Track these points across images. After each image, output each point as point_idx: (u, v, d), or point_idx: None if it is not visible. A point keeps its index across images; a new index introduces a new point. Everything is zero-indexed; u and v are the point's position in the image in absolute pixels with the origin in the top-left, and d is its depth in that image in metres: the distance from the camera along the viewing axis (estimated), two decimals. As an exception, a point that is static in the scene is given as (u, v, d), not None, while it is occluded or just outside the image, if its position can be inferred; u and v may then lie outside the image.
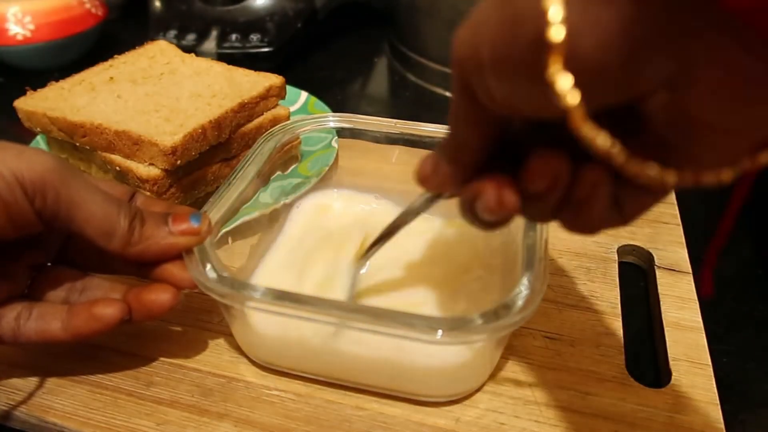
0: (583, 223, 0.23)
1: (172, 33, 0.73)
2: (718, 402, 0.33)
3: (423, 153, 0.42)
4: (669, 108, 0.17)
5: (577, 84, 0.17)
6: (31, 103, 0.45)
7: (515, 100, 0.19)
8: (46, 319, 0.31)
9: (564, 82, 0.16)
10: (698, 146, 0.18)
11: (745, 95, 0.16)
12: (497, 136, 0.23)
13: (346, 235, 0.42)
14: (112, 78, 0.48)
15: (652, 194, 0.22)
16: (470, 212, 0.25)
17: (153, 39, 0.61)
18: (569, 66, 0.16)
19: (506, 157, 0.23)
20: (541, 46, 0.16)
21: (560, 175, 0.21)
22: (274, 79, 0.48)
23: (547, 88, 0.17)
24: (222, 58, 0.65)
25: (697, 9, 0.15)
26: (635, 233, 0.45)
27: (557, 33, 0.16)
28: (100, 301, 0.31)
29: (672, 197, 0.49)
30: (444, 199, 0.28)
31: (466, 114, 0.22)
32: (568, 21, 0.16)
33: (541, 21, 0.16)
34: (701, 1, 0.15)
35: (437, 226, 0.44)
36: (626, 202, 0.22)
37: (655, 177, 0.19)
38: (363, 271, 0.39)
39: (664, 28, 0.15)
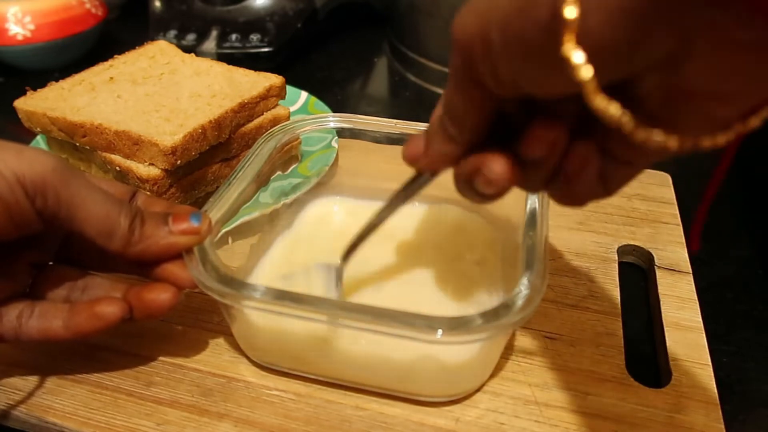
0: (571, 195, 0.25)
1: (172, 33, 0.73)
2: (718, 402, 0.33)
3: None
4: (664, 86, 0.19)
5: (589, 59, 0.18)
6: (31, 103, 0.45)
7: (525, 80, 0.20)
8: (47, 317, 0.31)
9: (578, 57, 0.18)
10: (694, 116, 0.20)
11: (738, 65, 0.17)
12: (493, 116, 0.24)
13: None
14: (112, 78, 0.48)
15: (634, 167, 0.23)
16: (468, 186, 0.26)
17: (153, 39, 0.61)
18: (581, 42, 0.18)
19: (495, 135, 0.25)
20: (556, 25, 0.18)
21: (557, 142, 0.23)
22: (274, 79, 0.48)
23: (558, 66, 0.18)
24: (222, 58, 0.65)
25: None
26: (635, 233, 0.45)
27: (570, 12, 0.17)
28: (102, 300, 0.31)
29: (672, 197, 0.49)
30: (430, 179, 0.29)
31: (465, 95, 0.23)
32: (579, 1, 0.17)
33: (554, 2, 0.17)
34: None
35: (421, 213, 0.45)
36: (611, 176, 0.23)
37: (660, 142, 0.20)
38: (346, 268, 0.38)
39: (665, 7, 0.17)
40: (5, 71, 0.74)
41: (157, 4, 0.75)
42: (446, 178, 0.46)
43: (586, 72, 0.18)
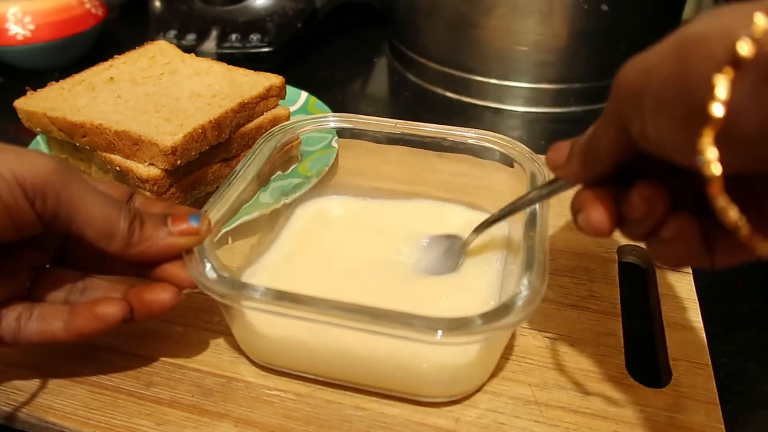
0: (665, 257, 0.26)
1: (172, 33, 0.73)
2: (718, 402, 0.33)
3: (423, 153, 0.43)
4: None
5: (722, 156, 0.18)
6: (31, 103, 0.45)
7: (665, 148, 0.21)
8: (47, 319, 0.31)
9: (711, 154, 0.18)
10: None
11: None
12: (630, 161, 0.25)
13: (349, 238, 0.42)
14: (112, 78, 0.48)
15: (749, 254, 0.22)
16: (575, 218, 0.28)
17: (153, 39, 0.61)
18: (721, 139, 0.18)
19: (625, 173, 0.25)
20: (700, 115, 0.18)
21: (654, 210, 0.24)
22: (274, 79, 0.48)
23: (692, 151, 0.19)
24: (222, 58, 0.65)
25: None
26: (635, 233, 0.45)
27: (718, 110, 0.17)
28: (102, 301, 0.31)
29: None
30: (568, 186, 0.30)
31: (612, 136, 0.24)
32: (732, 100, 0.17)
33: (706, 94, 0.18)
34: None
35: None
36: (720, 249, 0.24)
37: None
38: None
39: None
40: (5, 71, 0.74)
41: (157, 4, 0.75)
42: (445, 179, 0.45)
43: (715, 169, 0.18)
